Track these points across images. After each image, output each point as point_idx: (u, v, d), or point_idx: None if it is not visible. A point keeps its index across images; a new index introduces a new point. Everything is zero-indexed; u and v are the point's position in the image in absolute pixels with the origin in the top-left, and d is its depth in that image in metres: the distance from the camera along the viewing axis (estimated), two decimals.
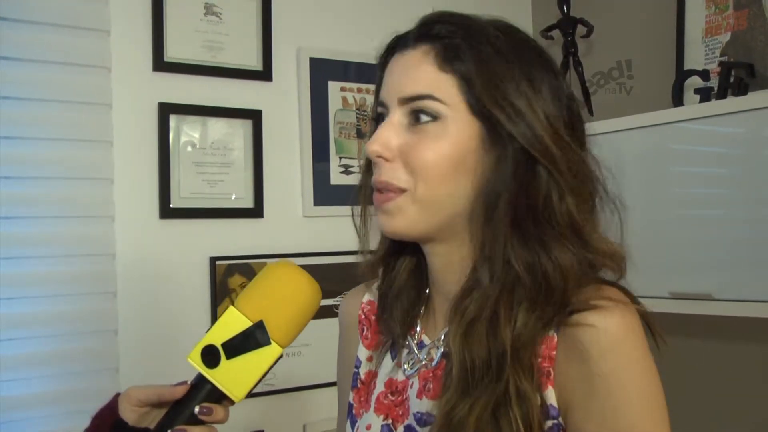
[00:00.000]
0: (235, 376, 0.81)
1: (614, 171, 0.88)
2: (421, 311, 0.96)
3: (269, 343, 0.81)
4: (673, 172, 1.77)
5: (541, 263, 0.80)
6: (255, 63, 2.02)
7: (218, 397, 0.83)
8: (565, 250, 0.80)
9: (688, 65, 2.01)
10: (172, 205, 1.88)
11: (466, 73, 0.82)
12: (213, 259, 1.92)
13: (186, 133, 1.91)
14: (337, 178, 2.12)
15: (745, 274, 1.62)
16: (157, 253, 1.86)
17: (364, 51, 2.16)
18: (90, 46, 1.78)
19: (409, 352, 0.95)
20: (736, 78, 1.79)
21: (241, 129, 1.99)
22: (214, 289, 1.92)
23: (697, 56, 2.00)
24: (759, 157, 1.59)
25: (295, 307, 0.83)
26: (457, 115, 0.83)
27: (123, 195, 1.82)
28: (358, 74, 2.16)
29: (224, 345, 0.81)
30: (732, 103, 1.69)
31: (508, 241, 0.81)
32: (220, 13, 1.97)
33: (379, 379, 0.97)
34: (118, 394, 0.89)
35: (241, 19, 1.99)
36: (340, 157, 2.14)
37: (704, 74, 1.90)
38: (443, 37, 0.84)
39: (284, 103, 2.07)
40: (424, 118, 0.83)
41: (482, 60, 0.82)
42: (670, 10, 2.07)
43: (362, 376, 1.01)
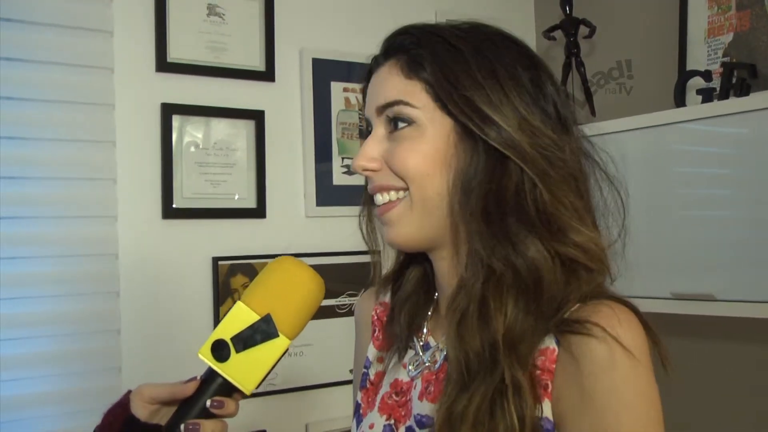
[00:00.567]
0: (245, 369, 0.83)
1: (616, 171, 0.89)
2: (429, 314, 0.98)
3: (277, 335, 0.83)
4: (675, 173, 1.77)
5: (514, 257, 0.81)
6: (258, 64, 2.02)
7: (229, 390, 0.84)
8: (536, 244, 0.81)
9: (690, 66, 2.01)
10: (174, 206, 1.88)
11: (429, 79, 0.85)
12: (215, 260, 1.93)
13: (189, 133, 1.92)
14: (339, 179, 2.13)
15: (747, 275, 1.62)
16: (160, 253, 1.87)
17: (367, 51, 2.15)
18: (93, 47, 1.79)
19: (415, 353, 0.96)
20: (738, 79, 1.79)
21: (244, 129, 1.99)
22: (217, 289, 1.92)
23: (699, 57, 2.00)
24: (761, 158, 1.59)
25: (301, 300, 0.86)
26: (431, 116, 0.85)
27: (126, 195, 1.83)
28: (361, 75, 2.16)
29: (233, 339, 0.83)
30: (734, 103, 1.69)
31: (484, 235, 0.82)
32: (223, 14, 1.97)
33: (385, 380, 0.98)
34: (130, 391, 0.90)
35: (244, 20, 2.00)
36: (343, 158, 2.14)
37: (706, 75, 1.90)
38: (408, 49, 0.88)
39: (287, 104, 2.07)
40: (400, 124, 0.87)
41: (442, 65, 0.85)
42: (673, 11, 2.07)
43: (371, 377, 1.03)
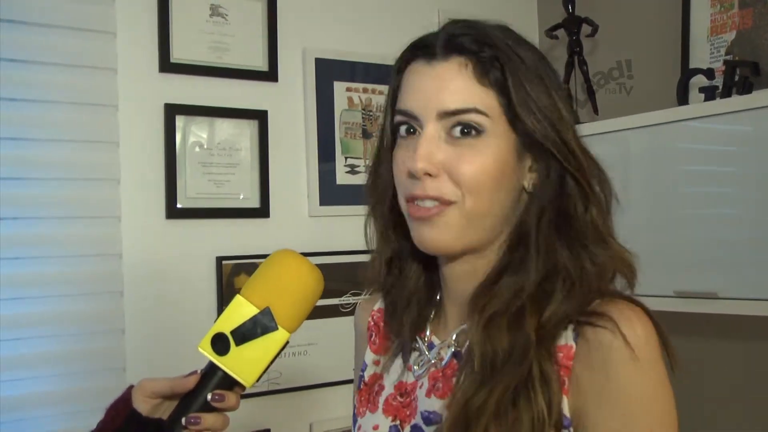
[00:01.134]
0: (245, 362, 0.84)
1: (619, 170, 0.90)
2: (431, 316, 0.97)
3: (276, 328, 0.84)
4: (677, 171, 1.77)
5: (585, 262, 0.84)
6: (261, 64, 2.02)
7: (230, 383, 0.85)
8: (589, 253, 0.84)
9: (693, 64, 2.00)
10: (178, 206, 1.89)
11: (503, 86, 0.83)
12: (219, 259, 1.93)
13: (192, 133, 1.92)
14: (342, 178, 2.13)
15: (750, 273, 1.62)
16: (164, 253, 1.88)
17: (370, 51, 2.17)
18: (96, 48, 1.79)
19: (419, 354, 0.96)
20: (740, 76, 1.79)
21: (247, 129, 2.00)
22: (221, 288, 1.92)
23: (702, 55, 2.00)
24: (763, 156, 1.59)
25: (300, 293, 0.86)
26: (497, 128, 0.84)
27: (129, 195, 1.83)
28: (364, 74, 2.17)
29: (233, 332, 0.84)
30: (737, 101, 1.69)
31: (542, 244, 0.85)
32: (226, 15, 1.97)
33: (389, 382, 0.98)
34: (132, 386, 0.91)
35: (247, 20, 2.00)
36: (346, 157, 2.14)
37: (709, 73, 1.89)
38: (475, 51, 0.84)
39: (290, 104, 2.08)
40: (467, 131, 0.83)
41: (515, 72, 0.83)
42: (676, 9, 2.07)
43: (366, 379, 1.03)
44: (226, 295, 1.92)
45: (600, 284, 0.84)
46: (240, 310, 0.84)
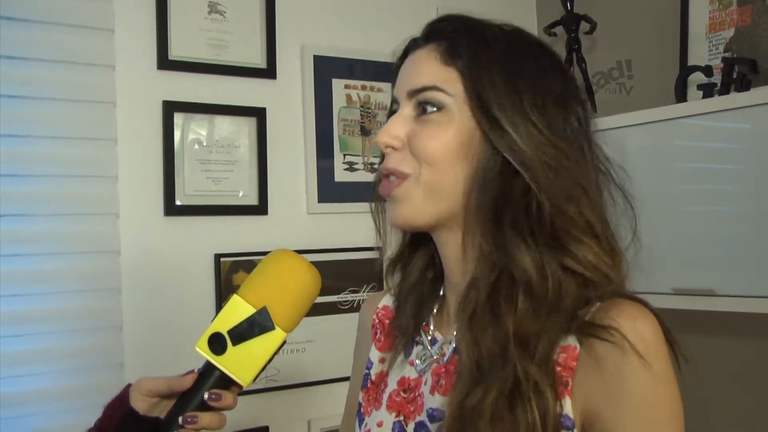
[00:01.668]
0: (242, 362, 0.84)
1: (618, 167, 0.91)
2: (434, 310, 0.98)
3: (273, 328, 0.84)
4: (676, 168, 1.77)
5: (508, 261, 0.82)
6: (259, 61, 2.02)
7: (227, 383, 0.85)
8: (532, 252, 0.82)
9: (691, 61, 2.01)
10: (177, 203, 1.89)
11: (464, 71, 0.86)
12: (218, 256, 1.93)
13: (191, 130, 1.92)
14: (341, 175, 2.13)
15: (747, 270, 1.62)
16: (162, 250, 1.87)
17: (368, 48, 2.17)
18: (94, 45, 1.79)
19: (422, 349, 0.96)
20: (739, 74, 1.80)
21: (246, 127, 1.99)
22: (219, 285, 1.92)
23: (700, 52, 2.00)
24: (762, 153, 1.60)
25: (297, 292, 0.86)
26: (460, 106, 0.86)
27: (128, 192, 1.83)
28: (362, 71, 2.17)
29: (230, 332, 0.84)
30: (735, 98, 1.69)
31: (489, 235, 0.84)
32: (224, 12, 1.97)
33: (392, 378, 0.99)
34: (130, 385, 0.92)
35: (245, 17, 2.00)
36: (345, 155, 2.14)
37: (707, 70, 1.90)
38: (447, 36, 0.88)
39: (288, 101, 2.08)
40: (429, 109, 0.87)
41: (475, 61, 0.85)
42: (674, 6, 2.07)
43: (373, 377, 1.03)
44: (225, 292, 1.92)
45: (586, 288, 0.82)
46: (237, 310, 0.84)
